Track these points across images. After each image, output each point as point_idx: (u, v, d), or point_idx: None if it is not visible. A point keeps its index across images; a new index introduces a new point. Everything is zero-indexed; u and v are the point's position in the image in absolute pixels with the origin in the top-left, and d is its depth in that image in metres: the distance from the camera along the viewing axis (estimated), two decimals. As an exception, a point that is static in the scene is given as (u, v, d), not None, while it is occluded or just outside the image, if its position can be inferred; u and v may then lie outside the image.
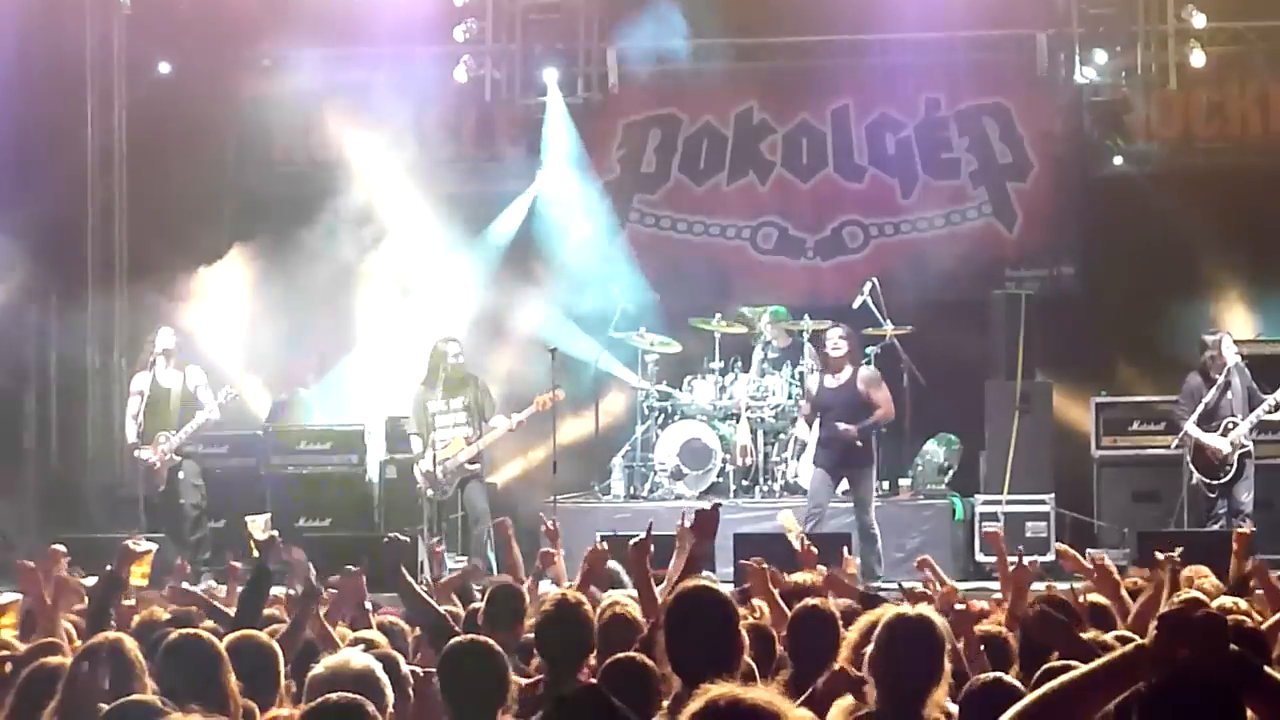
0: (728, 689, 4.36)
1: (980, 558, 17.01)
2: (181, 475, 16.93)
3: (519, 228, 20.58)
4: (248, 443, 18.76)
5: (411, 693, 6.46)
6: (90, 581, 8.02)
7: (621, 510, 17.58)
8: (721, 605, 6.04)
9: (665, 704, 5.88)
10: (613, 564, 9.74)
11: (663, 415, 18.74)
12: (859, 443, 16.21)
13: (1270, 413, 16.30)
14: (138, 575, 8.53)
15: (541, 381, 17.42)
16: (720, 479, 18.27)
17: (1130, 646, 3.82)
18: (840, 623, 7.12)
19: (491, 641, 6.26)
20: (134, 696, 5.73)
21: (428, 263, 19.91)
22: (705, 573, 7.71)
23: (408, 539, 9.75)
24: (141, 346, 17.63)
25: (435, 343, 17.14)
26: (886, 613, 5.78)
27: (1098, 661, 3.82)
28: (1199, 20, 19.26)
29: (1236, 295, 19.25)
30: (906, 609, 5.74)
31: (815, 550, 10.14)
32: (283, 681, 6.71)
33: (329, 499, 18.28)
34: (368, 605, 8.97)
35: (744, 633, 6.13)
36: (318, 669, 6.01)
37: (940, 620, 5.67)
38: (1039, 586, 9.32)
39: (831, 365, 16.49)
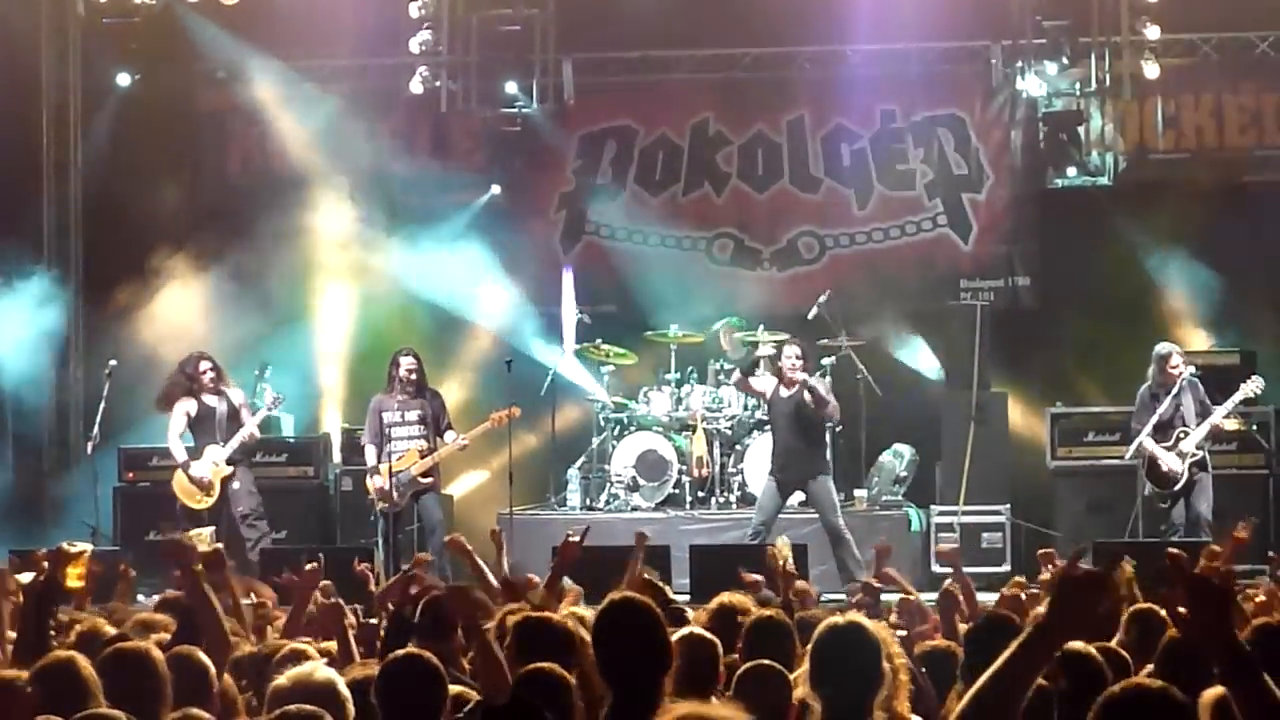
0: (692, 707, 4.35)
1: (936, 569, 17.03)
2: (236, 485, 16.91)
3: (475, 238, 20.54)
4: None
5: None
6: (26, 578, 7.89)
7: (578, 522, 17.51)
8: (647, 614, 6.02)
9: (602, 714, 5.85)
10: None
11: (619, 426, 18.74)
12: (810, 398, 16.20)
13: (1224, 419, 16.36)
14: (73, 577, 8.40)
15: (498, 393, 17.39)
16: (676, 490, 18.28)
17: (1031, 624, 4.03)
18: (796, 634, 7.11)
19: (429, 655, 6.21)
20: (94, 711, 5.67)
21: (383, 274, 19.89)
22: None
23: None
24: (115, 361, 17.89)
25: (393, 354, 17.05)
26: (819, 625, 5.76)
27: (1013, 646, 3.99)
28: (1153, 32, 19.31)
29: (1191, 306, 19.30)
30: (837, 619, 5.71)
31: (795, 572, 10.09)
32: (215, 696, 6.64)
33: (286, 511, 18.18)
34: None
35: (671, 640, 6.12)
36: (280, 680, 5.96)
37: (874, 625, 5.65)
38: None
39: (784, 378, 16.51)
